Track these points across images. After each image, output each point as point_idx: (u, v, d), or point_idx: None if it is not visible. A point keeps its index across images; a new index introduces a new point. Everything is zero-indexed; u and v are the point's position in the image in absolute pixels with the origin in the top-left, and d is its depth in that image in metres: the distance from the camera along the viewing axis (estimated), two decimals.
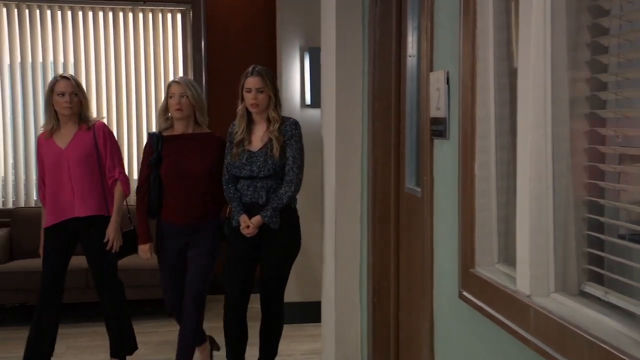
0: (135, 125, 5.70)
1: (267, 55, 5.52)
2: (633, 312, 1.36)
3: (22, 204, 5.56)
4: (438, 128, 2.32)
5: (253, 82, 3.49)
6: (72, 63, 5.63)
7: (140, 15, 5.71)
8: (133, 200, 3.97)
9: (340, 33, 3.51)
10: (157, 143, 3.63)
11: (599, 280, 1.53)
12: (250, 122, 3.57)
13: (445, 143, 2.28)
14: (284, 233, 3.52)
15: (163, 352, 4.25)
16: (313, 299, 4.71)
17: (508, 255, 1.93)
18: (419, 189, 2.81)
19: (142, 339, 3.67)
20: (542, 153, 1.59)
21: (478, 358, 2.01)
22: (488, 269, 1.94)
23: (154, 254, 3.73)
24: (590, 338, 1.33)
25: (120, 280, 3.89)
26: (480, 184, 1.99)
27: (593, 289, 1.52)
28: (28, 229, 5.01)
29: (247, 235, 3.49)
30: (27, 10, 5.54)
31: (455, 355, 2.21)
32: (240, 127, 3.54)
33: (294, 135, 3.52)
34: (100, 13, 5.65)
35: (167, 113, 3.67)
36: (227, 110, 4.08)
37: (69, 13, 5.60)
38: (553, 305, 1.54)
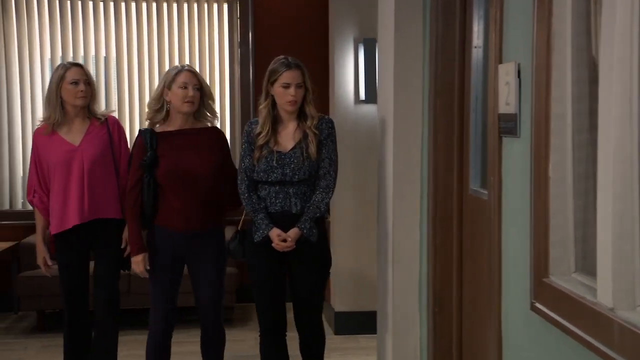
0: None
1: (318, 48, 5.53)
2: None
3: None
4: (507, 125, 2.30)
5: (293, 76, 3.26)
6: (114, 57, 5.75)
7: (185, 7, 5.79)
8: None
9: (399, 22, 3.49)
10: (150, 141, 3.38)
11: None
12: (275, 121, 3.33)
13: (516, 141, 2.25)
14: (317, 246, 3.32)
15: None
16: (367, 309, 4.71)
17: (586, 264, 1.90)
18: (485, 191, 2.79)
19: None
20: (627, 151, 1.55)
21: None
22: (564, 279, 1.91)
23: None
24: None
25: (119, 290, 3.78)
26: (555, 186, 1.96)
27: None
28: None
29: (281, 250, 3.27)
30: (68, 2, 5.68)
31: None
32: (265, 128, 3.29)
33: (331, 135, 3.35)
34: (144, 5, 5.76)
35: (160, 104, 3.41)
36: None
37: (112, 5, 5.72)
38: None
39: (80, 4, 5.69)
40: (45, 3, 5.67)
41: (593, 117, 1.82)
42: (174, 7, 5.79)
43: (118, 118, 5.77)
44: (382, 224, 3.80)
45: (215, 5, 5.83)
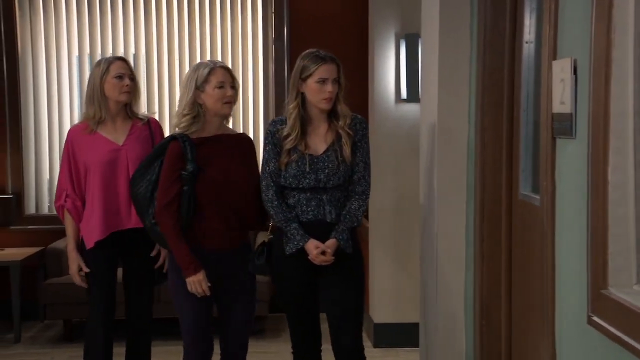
0: None
1: (357, 43, 5.53)
2: None
3: None
4: (562, 125, 2.28)
5: (329, 70, 3.12)
6: (143, 54, 5.81)
7: (218, 1, 5.82)
8: None
9: (445, 16, 3.47)
10: (190, 150, 3.14)
11: None
12: (303, 122, 3.18)
13: (571, 143, 2.23)
14: (353, 257, 3.20)
15: None
16: (408, 320, 4.69)
17: None
18: (537, 196, 2.77)
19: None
20: None
21: None
22: (625, 291, 1.88)
23: (177, 292, 3.25)
24: None
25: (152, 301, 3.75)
26: (615, 191, 1.93)
27: None
28: None
29: (319, 264, 3.13)
30: None
31: None
32: (295, 129, 3.13)
33: (366, 136, 3.22)
34: None
35: (196, 110, 3.18)
36: None
37: (141, 0, 5.77)
38: None
39: (109, 0, 5.76)
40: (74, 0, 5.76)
41: None
42: (206, 1, 5.82)
43: None
44: (424, 231, 3.79)
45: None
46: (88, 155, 3.52)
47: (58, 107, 5.80)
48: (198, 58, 5.82)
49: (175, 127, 3.23)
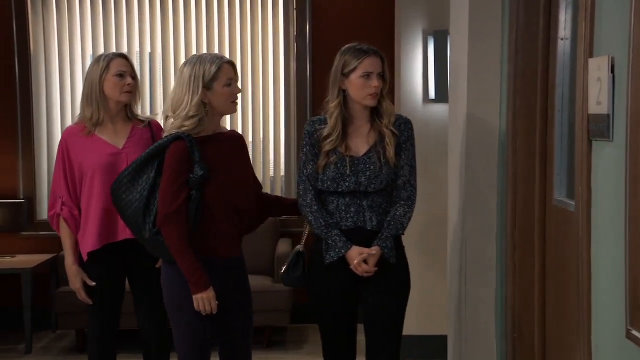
0: (229, 124, 5.84)
1: (382, 41, 5.48)
2: None
3: None
4: (598, 127, 2.27)
5: (374, 63, 3.06)
6: (159, 53, 5.85)
7: None
8: None
9: (474, 11, 3.47)
10: (197, 151, 3.00)
11: None
12: (344, 121, 3.12)
13: (608, 145, 2.22)
14: (397, 267, 3.13)
15: None
16: (436, 332, 4.66)
17: None
18: (572, 202, 2.75)
19: None
20: None
21: None
22: None
23: (178, 309, 3.08)
24: None
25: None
26: None
27: None
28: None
29: (362, 275, 3.06)
30: None
31: None
32: (336, 130, 3.07)
33: (411, 137, 3.16)
34: None
35: (201, 108, 3.03)
36: None
37: None
38: None
39: None
40: None
41: None
42: None
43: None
44: (453, 238, 3.77)
45: None
46: (85, 159, 3.40)
47: (71, 108, 5.85)
48: None
49: (176, 128, 3.03)
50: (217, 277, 3.05)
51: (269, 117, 5.92)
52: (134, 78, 3.47)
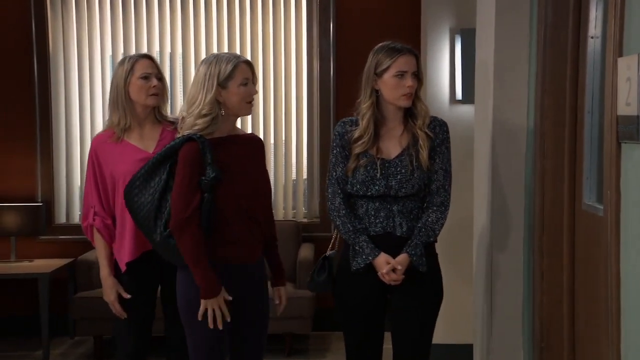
0: (251, 126, 5.85)
1: (408, 39, 5.33)
2: None
3: None
4: (628, 129, 2.25)
5: (408, 62, 3.03)
6: (180, 53, 5.88)
7: None
8: None
9: (501, 8, 3.45)
10: (209, 153, 3.00)
11: None
12: (376, 122, 3.10)
13: (638, 148, 2.20)
14: (426, 277, 3.09)
15: None
16: (463, 341, 4.64)
17: None
18: (602, 207, 2.72)
19: None
20: None
21: None
22: None
23: (193, 316, 3.05)
24: None
25: None
26: None
27: None
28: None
29: (390, 283, 3.04)
30: None
31: None
32: (368, 132, 3.05)
33: (446, 141, 3.11)
34: None
35: (215, 107, 3.03)
36: None
37: None
38: None
39: None
40: None
41: None
42: None
43: None
44: (479, 244, 3.76)
45: None
46: (116, 166, 3.37)
47: (90, 110, 5.89)
48: None
49: (188, 128, 3.04)
50: (231, 283, 3.05)
51: (292, 118, 5.92)
52: (161, 79, 3.43)
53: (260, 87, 5.86)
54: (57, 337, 5.63)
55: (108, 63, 5.90)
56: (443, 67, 4.94)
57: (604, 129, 2.50)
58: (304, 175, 5.97)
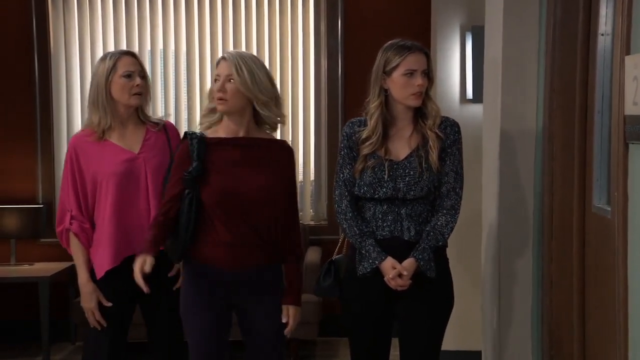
0: None
1: (418, 37, 5.34)
2: None
3: None
4: (635, 129, 2.26)
5: (418, 60, 3.01)
6: (184, 51, 5.90)
7: None
8: None
9: (510, 5, 3.46)
10: (197, 148, 3.02)
11: None
12: (385, 123, 3.08)
13: None
14: (436, 282, 3.04)
15: None
16: (472, 348, 4.63)
17: None
18: (610, 209, 2.72)
19: None
20: None
21: None
22: None
23: (184, 317, 3.11)
24: None
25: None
26: None
27: None
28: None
29: (396, 289, 3.00)
30: None
31: None
32: (377, 132, 3.03)
33: (458, 142, 3.07)
34: None
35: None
36: None
37: None
38: None
39: None
40: None
41: None
42: None
43: (188, 119, 5.83)
44: (487, 248, 3.75)
45: None
46: (98, 166, 3.27)
47: None
48: None
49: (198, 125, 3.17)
50: (213, 286, 3.06)
51: (298, 118, 5.92)
52: (144, 78, 3.33)
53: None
54: (57, 342, 5.62)
55: None
56: (453, 65, 4.93)
57: (611, 129, 2.50)
58: (312, 177, 5.97)
